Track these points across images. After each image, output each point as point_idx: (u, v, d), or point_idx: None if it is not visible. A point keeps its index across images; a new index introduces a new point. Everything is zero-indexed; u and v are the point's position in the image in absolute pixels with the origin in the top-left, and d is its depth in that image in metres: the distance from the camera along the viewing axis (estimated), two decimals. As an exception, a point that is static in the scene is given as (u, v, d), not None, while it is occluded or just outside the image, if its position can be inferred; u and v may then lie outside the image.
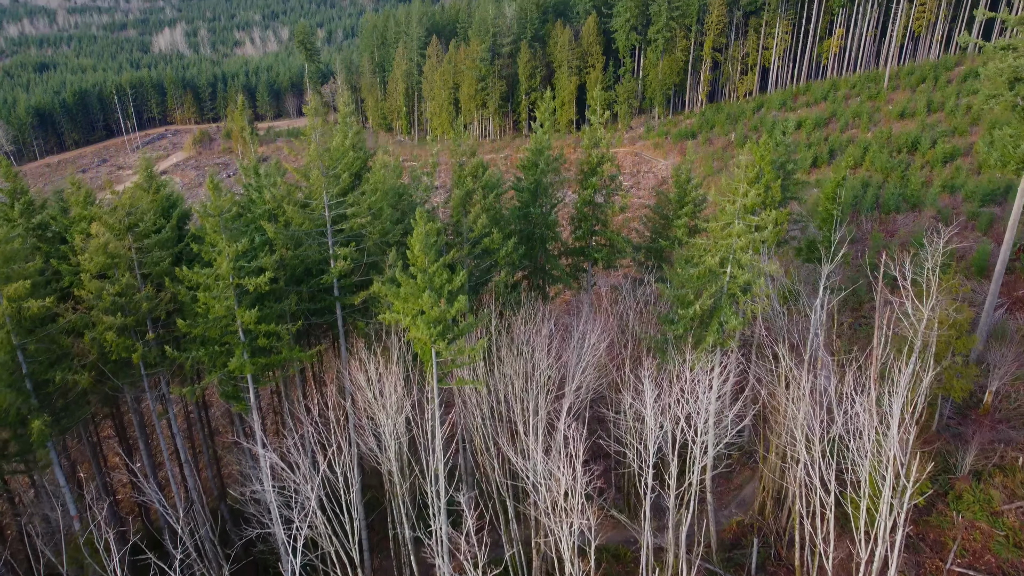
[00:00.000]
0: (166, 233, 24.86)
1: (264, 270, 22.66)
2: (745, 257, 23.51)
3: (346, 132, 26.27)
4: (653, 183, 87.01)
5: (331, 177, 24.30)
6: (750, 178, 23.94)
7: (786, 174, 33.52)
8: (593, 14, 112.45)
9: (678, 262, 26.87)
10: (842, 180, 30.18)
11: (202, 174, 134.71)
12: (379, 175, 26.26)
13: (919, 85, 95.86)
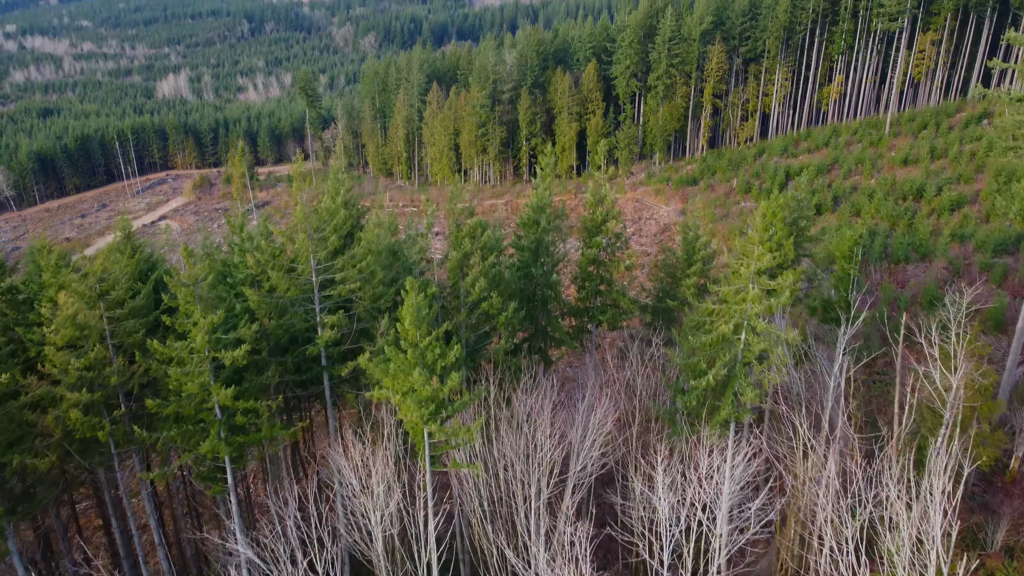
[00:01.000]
0: (140, 300, 23.32)
1: (243, 342, 21.13)
2: (761, 324, 21.97)
3: (337, 189, 24.98)
4: (655, 230, 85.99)
5: (319, 240, 22.91)
6: (765, 240, 22.52)
7: (798, 230, 32.20)
8: (593, 61, 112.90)
9: (688, 327, 25.32)
10: (859, 238, 28.79)
11: (201, 219, 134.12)
12: (372, 234, 24.89)
13: (921, 131, 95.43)
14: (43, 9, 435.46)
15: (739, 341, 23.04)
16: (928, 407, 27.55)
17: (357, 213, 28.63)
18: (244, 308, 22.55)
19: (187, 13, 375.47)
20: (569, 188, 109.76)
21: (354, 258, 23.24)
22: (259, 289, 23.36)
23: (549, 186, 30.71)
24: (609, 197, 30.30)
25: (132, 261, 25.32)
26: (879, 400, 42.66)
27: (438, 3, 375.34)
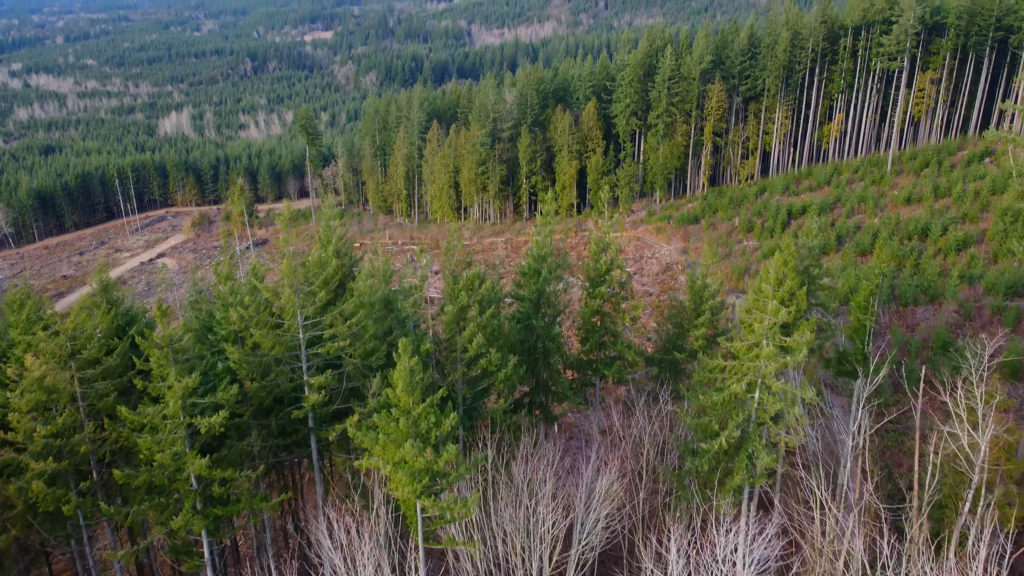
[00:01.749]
0: (113, 360, 21.98)
1: (221, 407, 19.78)
2: (777, 384, 20.62)
3: (329, 237, 23.81)
4: (657, 269, 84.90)
5: (307, 295, 21.68)
6: (779, 294, 21.28)
7: (810, 279, 31.00)
8: (593, 99, 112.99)
9: (697, 382, 23.95)
10: (875, 288, 27.61)
11: (199, 257, 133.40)
12: (364, 285, 23.69)
13: (923, 169, 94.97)
14: (49, 48, 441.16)
15: (753, 400, 21.67)
16: (952, 467, 26.06)
17: (350, 262, 27.44)
18: (225, 368, 21.23)
19: (191, 52, 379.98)
20: (569, 226, 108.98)
21: (344, 314, 21.97)
22: (242, 346, 22.06)
23: (550, 234, 29.53)
24: (614, 246, 29.11)
25: (107, 317, 24.00)
26: (893, 450, 41.09)
27: (439, 42, 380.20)
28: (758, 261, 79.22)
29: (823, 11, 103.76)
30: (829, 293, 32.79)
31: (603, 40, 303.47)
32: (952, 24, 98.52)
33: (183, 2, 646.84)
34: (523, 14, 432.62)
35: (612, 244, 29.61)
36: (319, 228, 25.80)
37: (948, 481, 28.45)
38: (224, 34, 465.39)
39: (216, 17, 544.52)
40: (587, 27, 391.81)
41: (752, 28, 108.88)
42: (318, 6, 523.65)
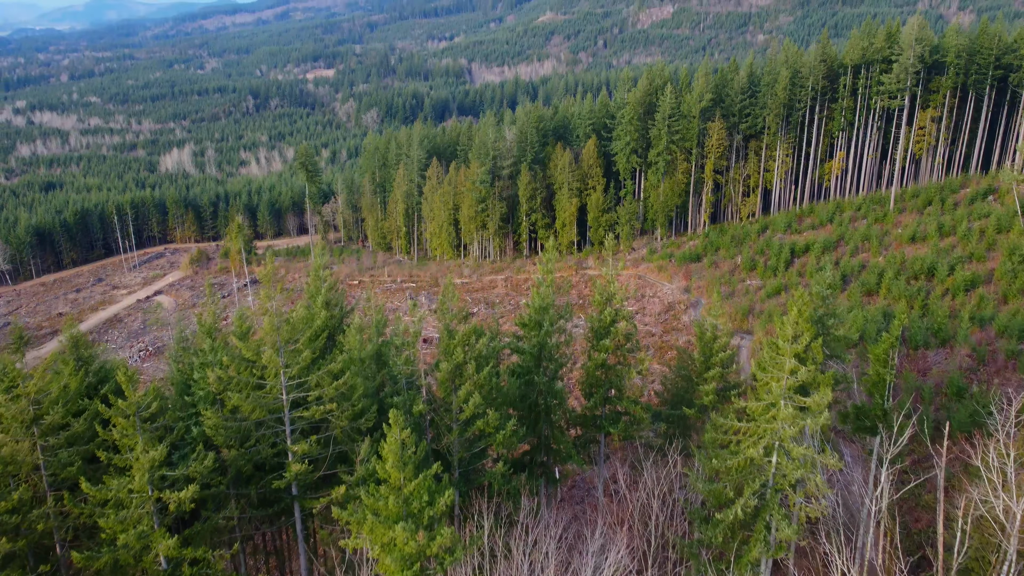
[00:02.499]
0: (80, 425, 20.48)
1: (193, 479, 18.29)
2: (797, 449, 19.13)
3: (318, 287, 22.50)
4: (659, 309, 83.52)
5: (291, 353, 20.31)
6: (797, 350, 19.90)
7: (825, 330, 29.64)
8: (593, 137, 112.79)
9: (709, 444, 22.44)
10: (896, 339, 26.23)
11: (197, 295, 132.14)
12: (353, 340, 22.34)
13: (926, 207, 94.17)
14: (54, 87, 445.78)
15: (770, 465, 20.16)
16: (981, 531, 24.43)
17: (340, 313, 26.09)
18: (200, 433, 19.76)
19: (194, 90, 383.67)
20: (570, 264, 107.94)
21: (331, 373, 20.55)
22: (221, 409, 20.62)
23: (552, 284, 28.21)
24: (619, 296, 27.77)
25: (76, 377, 22.49)
26: (910, 504, 39.32)
27: (439, 80, 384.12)
28: (762, 301, 77.90)
29: (823, 50, 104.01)
30: (844, 343, 31.32)
31: (602, 78, 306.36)
32: (951, 63, 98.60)
33: (187, 41, 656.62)
34: (523, 52, 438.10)
35: (617, 294, 28.26)
36: (310, 275, 24.54)
37: (974, 544, 26.83)
38: (227, 72, 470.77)
39: (220, 56, 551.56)
40: (586, 65, 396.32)
41: (751, 67, 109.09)
42: (320, 45, 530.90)
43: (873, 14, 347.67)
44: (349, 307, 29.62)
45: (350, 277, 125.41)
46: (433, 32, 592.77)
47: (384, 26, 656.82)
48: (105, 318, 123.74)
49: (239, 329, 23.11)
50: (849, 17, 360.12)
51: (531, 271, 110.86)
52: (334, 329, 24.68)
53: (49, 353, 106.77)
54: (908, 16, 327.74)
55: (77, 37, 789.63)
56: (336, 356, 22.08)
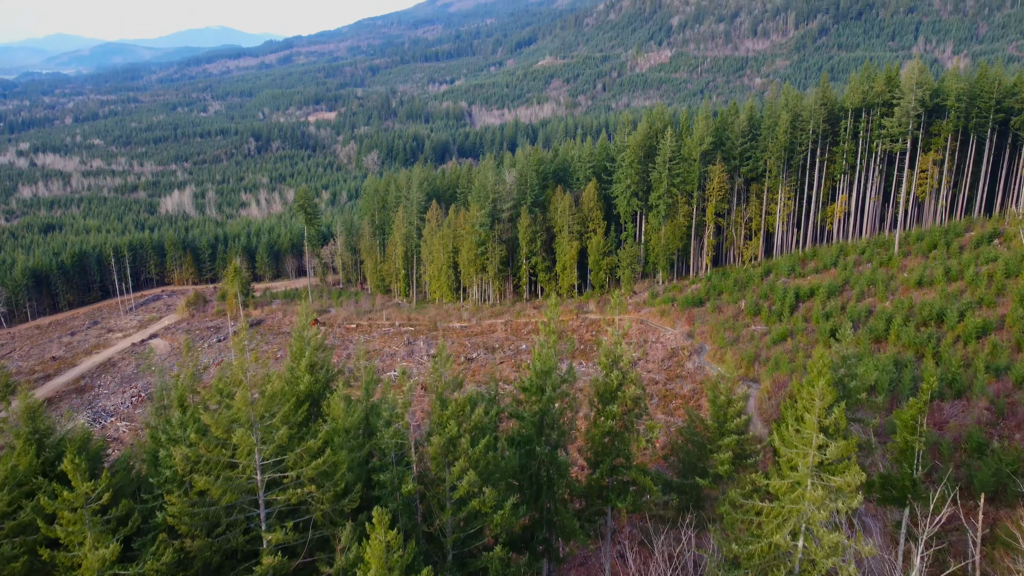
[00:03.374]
0: (26, 516, 18.55)
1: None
2: (829, 536, 17.29)
3: (302, 349, 20.87)
4: (662, 355, 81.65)
5: (266, 428, 18.60)
6: (825, 423, 18.19)
7: (846, 392, 27.89)
8: (593, 180, 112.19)
9: (728, 526, 20.56)
10: (924, 404, 24.52)
11: (192, 338, 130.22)
12: (338, 408, 20.62)
13: (931, 251, 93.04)
14: (58, 129, 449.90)
15: (796, 550, 18.28)
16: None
17: (325, 377, 24.36)
18: (164, 518, 17.92)
19: (196, 132, 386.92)
20: (570, 308, 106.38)
21: (311, 451, 18.79)
22: (189, 492, 18.83)
23: (554, 345, 26.51)
24: (626, 357, 26.06)
25: (27, 457, 20.43)
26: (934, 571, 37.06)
27: (440, 122, 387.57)
28: (768, 347, 76.09)
29: (823, 93, 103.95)
30: (870, 407, 29.52)
31: (601, 120, 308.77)
32: (952, 106, 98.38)
33: (191, 84, 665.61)
34: (522, 96, 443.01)
35: (624, 356, 26.56)
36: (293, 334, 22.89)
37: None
38: (230, 115, 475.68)
39: (223, 99, 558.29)
40: (585, 108, 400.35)
41: (751, 110, 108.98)
42: (323, 88, 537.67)
43: (869, 58, 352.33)
44: (337, 368, 27.80)
45: (347, 321, 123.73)
46: (434, 76, 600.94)
47: (386, 70, 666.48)
48: (99, 362, 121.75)
49: (217, 392, 21.28)
50: (845, 61, 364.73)
51: (531, 315, 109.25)
52: (319, 394, 22.97)
53: (52, 391, 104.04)
54: (903, 60, 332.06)
55: (83, 81, 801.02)
56: (319, 426, 20.33)
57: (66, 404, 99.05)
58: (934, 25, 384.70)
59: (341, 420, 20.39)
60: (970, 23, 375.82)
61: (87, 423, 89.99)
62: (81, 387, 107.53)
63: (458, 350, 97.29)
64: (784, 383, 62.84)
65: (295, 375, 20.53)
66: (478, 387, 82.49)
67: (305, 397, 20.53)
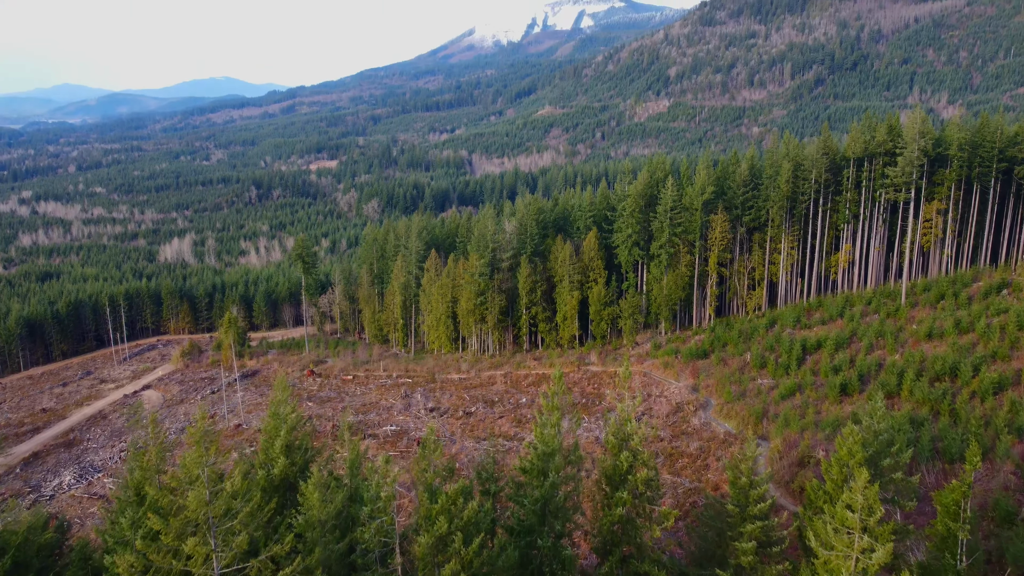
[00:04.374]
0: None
1: None
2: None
3: (277, 429, 18.78)
4: (667, 410, 79.06)
5: (225, 533, 16.45)
6: (871, 522, 16.03)
7: (878, 472, 25.65)
8: (594, 229, 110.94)
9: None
10: (968, 487, 22.35)
11: (186, 389, 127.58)
12: (314, 498, 18.45)
13: (939, 302, 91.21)
14: (61, 177, 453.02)
15: (835, 666, 15.95)
16: None
17: (304, 459, 22.17)
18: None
19: (198, 180, 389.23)
20: (571, 359, 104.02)
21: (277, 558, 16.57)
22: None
23: (558, 423, 24.36)
24: (638, 435, 23.89)
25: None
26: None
27: (440, 171, 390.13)
28: (776, 402, 73.60)
29: (824, 143, 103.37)
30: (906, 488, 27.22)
31: (601, 169, 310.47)
32: (955, 156, 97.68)
33: (195, 133, 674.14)
34: (522, 144, 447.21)
35: (635, 435, 24.39)
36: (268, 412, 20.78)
37: None
38: (232, 163, 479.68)
39: (226, 147, 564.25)
40: (584, 156, 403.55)
41: (752, 159, 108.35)
42: (324, 137, 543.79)
43: (865, 108, 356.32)
44: (317, 447, 25.54)
45: (344, 371, 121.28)
46: (435, 125, 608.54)
47: (387, 119, 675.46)
48: (89, 414, 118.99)
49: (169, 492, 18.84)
50: (842, 111, 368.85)
51: (531, 366, 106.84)
52: (295, 477, 20.81)
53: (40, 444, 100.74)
54: (899, 110, 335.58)
55: (88, 130, 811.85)
56: (292, 516, 18.15)
57: (53, 458, 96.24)
58: (928, 76, 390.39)
59: (317, 511, 18.19)
60: (964, 74, 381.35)
61: (72, 481, 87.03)
62: (70, 440, 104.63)
63: (456, 403, 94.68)
64: (795, 442, 60.30)
65: (269, 456, 18.49)
66: (477, 443, 79.73)
67: (280, 482, 18.50)
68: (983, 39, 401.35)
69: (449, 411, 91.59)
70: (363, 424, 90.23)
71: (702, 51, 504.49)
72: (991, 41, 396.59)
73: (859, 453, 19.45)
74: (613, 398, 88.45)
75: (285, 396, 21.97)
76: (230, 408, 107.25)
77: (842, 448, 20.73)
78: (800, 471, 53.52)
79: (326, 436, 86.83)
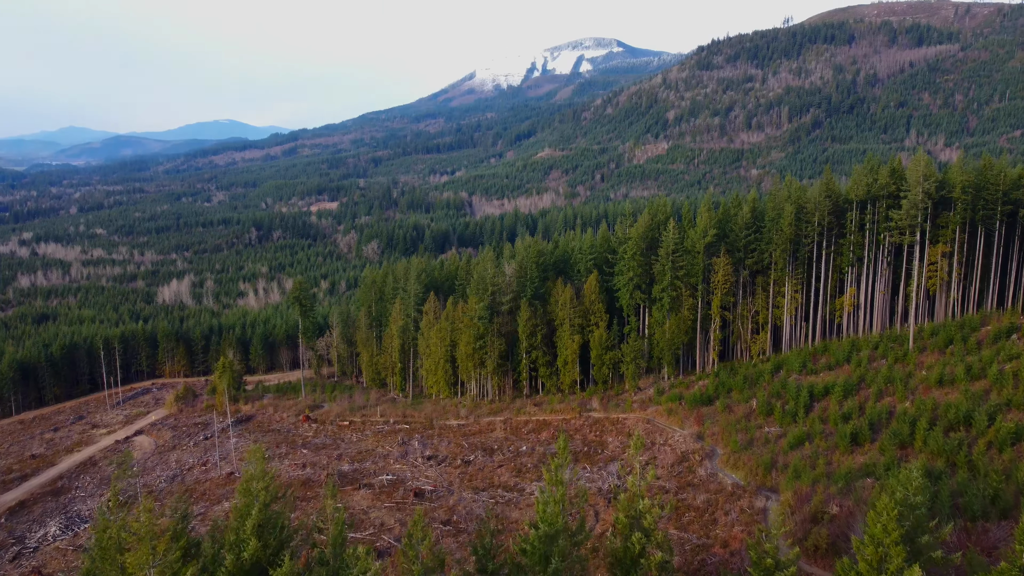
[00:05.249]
0: None
1: None
2: None
3: (248, 506, 16.92)
4: (672, 459, 76.51)
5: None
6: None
7: (916, 549, 23.58)
8: (594, 272, 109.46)
9: None
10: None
11: (178, 435, 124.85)
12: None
13: (947, 346, 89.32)
14: (62, 219, 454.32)
15: None
16: None
17: (278, 540, 20.11)
18: None
19: (199, 222, 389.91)
20: (572, 405, 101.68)
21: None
22: None
23: (562, 499, 22.35)
24: (651, 515, 21.91)
25: None
26: None
27: (440, 212, 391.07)
28: (785, 452, 71.20)
29: (827, 185, 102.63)
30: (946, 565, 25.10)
31: (600, 211, 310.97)
32: (958, 198, 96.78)
33: (197, 175, 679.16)
34: (522, 186, 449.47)
35: (648, 513, 22.41)
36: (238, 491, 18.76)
37: None
38: (233, 205, 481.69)
39: (227, 189, 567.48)
40: (584, 198, 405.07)
41: (754, 202, 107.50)
42: (325, 179, 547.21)
43: (863, 150, 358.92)
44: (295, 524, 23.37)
45: (340, 417, 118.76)
46: (435, 167, 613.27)
47: (388, 161, 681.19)
48: (80, 460, 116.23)
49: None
50: (840, 153, 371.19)
51: (531, 412, 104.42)
52: (269, 561, 18.76)
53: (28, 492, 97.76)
54: (896, 152, 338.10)
55: (91, 172, 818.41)
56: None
57: (40, 507, 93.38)
58: (924, 119, 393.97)
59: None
60: (960, 117, 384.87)
61: (58, 531, 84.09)
62: (58, 488, 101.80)
63: (455, 451, 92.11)
64: (807, 496, 57.85)
65: (240, 537, 16.62)
66: (476, 494, 76.97)
67: (250, 567, 16.61)
68: (978, 83, 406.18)
69: (447, 459, 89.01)
70: (358, 473, 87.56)
71: (700, 95, 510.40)
72: (986, 85, 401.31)
73: (895, 531, 17.58)
74: (616, 447, 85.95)
75: (260, 469, 20.11)
76: (223, 455, 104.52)
77: (875, 524, 18.84)
78: (814, 527, 51.04)
79: (319, 485, 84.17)
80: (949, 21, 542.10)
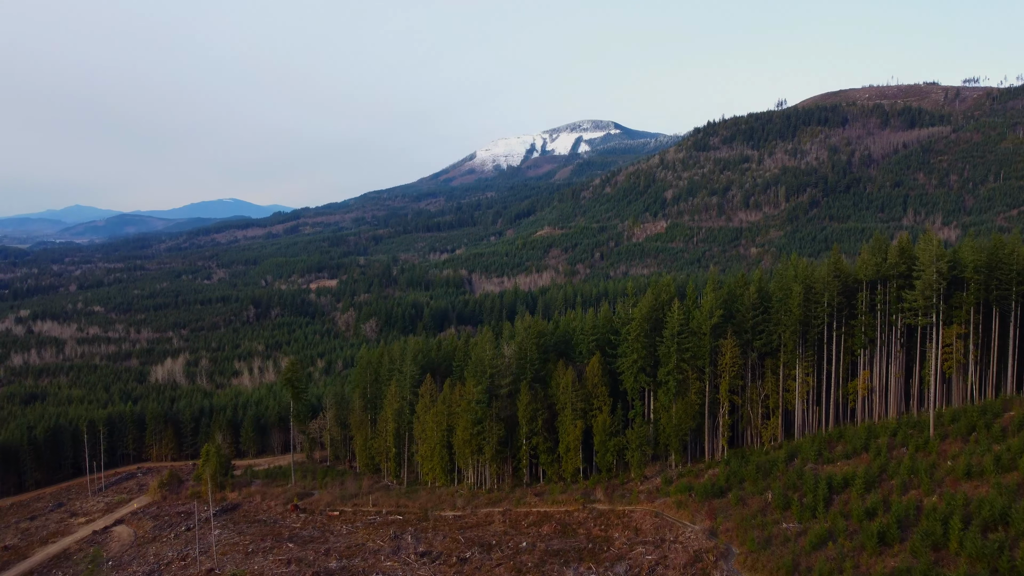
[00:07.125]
0: None
1: None
2: None
3: None
4: (683, 559, 70.83)
5: None
6: None
7: None
8: (597, 354, 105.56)
9: None
10: None
11: (160, 525, 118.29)
12: None
13: (970, 434, 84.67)
14: (61, 296, 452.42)
15: None
16: None
17: None
18: None
19: (197, 299, 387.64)
20: (575, 496, 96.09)
21: None
22: None
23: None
24: None
25: None
26: None
27: (440, 290, 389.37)
28: (807, 552, 65.77)
29: (835, 265, 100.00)
30: None
31: (600, 289, 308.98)
32: (971, 278, 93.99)
33: (198, 253, 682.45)
34: (522, 264, 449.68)
35: None
36: None
37: None
38: (233, 282, 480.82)
39: (228, 267, 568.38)
40: (584, 276, 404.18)
41: (760, 282, 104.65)
42: (326, 256, 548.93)
43: (861, 228, 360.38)
44: None
45: (330, 506, 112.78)
46: (435, 245, 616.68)
47: (389, 239, 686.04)
48: (54, 553, 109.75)
49: None
50: (838, 232, 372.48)
51: (532, 503, 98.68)
52: None
53: None
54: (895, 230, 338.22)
55: (93, 250, 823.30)
56: None
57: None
58: (921, 198, 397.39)
59: None
60: (956, 196, 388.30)
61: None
62: None
63: (450, 547, 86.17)
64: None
65: None
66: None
67: None
68: (972, 163, 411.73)
69: (441, 556, 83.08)
70: (346, 572, 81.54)
71: (697, 174, 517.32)
72: (980, 165, 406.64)
73: None
74: (623, 544, 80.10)
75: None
76: (203, 549, 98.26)
77: None
78: (848, 647, 45.66)
79: (304, 587, 78.13)
80: (940, 104, 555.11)
